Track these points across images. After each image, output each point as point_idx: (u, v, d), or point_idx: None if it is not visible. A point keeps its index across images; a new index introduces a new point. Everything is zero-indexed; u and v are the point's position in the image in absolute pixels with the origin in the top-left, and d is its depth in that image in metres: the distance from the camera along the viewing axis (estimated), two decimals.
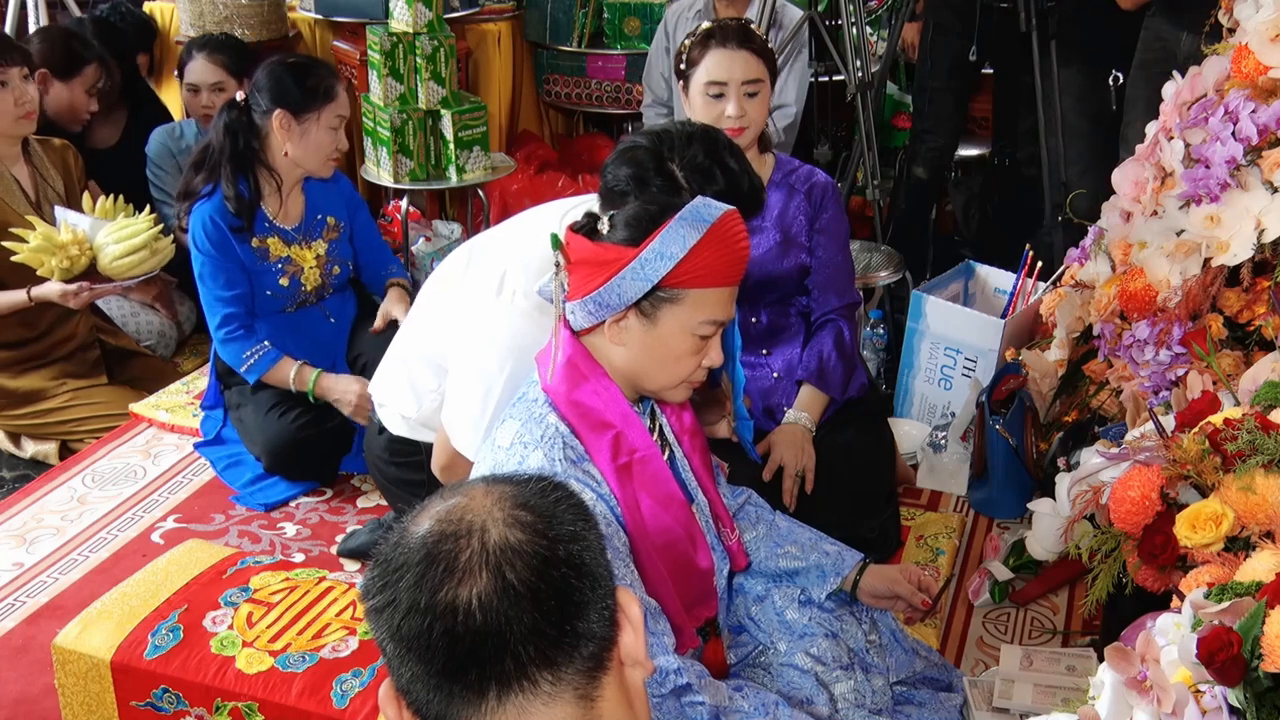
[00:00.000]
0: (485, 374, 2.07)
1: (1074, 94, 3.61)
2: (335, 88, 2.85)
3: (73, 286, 3.03)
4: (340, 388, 2.88)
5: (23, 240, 3.00)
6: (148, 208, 3.19)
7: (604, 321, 1.67)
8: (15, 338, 3.20)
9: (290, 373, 2.88)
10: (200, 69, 3.68)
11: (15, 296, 3.09)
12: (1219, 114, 2.35)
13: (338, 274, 3.05)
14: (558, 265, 1.67)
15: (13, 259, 3.01)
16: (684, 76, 2.60)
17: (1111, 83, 3.44)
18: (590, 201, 2.17)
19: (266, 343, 2.89)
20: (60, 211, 3.10)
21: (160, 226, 3.12)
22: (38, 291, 3.06)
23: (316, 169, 2.87)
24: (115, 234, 3.05)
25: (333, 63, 4.27)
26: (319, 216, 3.00)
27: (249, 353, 2.87)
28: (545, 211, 2.31)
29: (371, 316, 3.11)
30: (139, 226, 3.07)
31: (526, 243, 2.18)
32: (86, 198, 3.15)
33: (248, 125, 2.83)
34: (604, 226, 1.66)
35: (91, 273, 3.08)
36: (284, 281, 2.93)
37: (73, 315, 3.28)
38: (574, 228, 1.68)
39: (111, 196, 3.14)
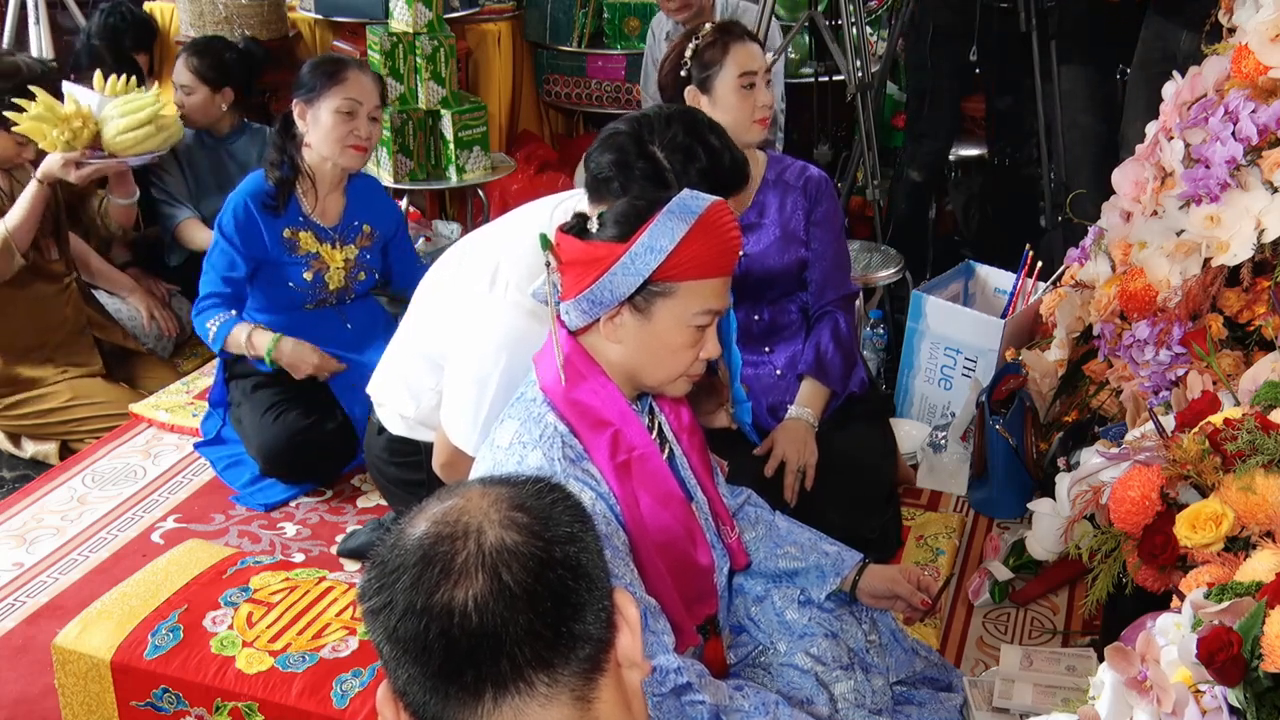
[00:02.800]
0: (481, 368, 2.07)
1: (1083, 90, 3.61)
2: (342, 72, 2.86)
3: (74, 154, 3.01)
4: (296, 354, 2.85)
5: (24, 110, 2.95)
6: (155, 85, 3.15)
7: (599, 319, 1.67)
8: (6, 325, 3.18)
9: (243, 336, 2.85)
10: (177, 69, 3.68)
11: (29, 190, 3.05)
12: (1219, 114, 2.35)
13: (363, 280, 3.04)
14: (549, 266, 1.67)
15: (13, 129, 2.97)
16: (703, 81, 2.53)
17: (1119, 76, 3.44)
18: (580, 195, 2.17)
19: (233, 312, 2.88)
20: (67, 86, 3.04)
21: (165, 103, 3.07)
22: (42, 168, 3.03)
23: (331, 154, 2.87)
24: (120, 108, 3.00)
25: None
26: (356, 222, 3.00)
27: (212, 321, 2.86)
28: (537, 206, 2.31)
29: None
30: (144, 101, 3.02)
31: (518, 237, 2.18)
32: (98, 76, 3.09)
33: (288, 124, 2.90)
34: (593, 225, 1.67)
35: (95, 149, 3.04)
36: (308, 275, 2.94)
37: (59, 299, 3.25)
38: (564, 228, 1.68)
39: (123, 77, 3.10)
